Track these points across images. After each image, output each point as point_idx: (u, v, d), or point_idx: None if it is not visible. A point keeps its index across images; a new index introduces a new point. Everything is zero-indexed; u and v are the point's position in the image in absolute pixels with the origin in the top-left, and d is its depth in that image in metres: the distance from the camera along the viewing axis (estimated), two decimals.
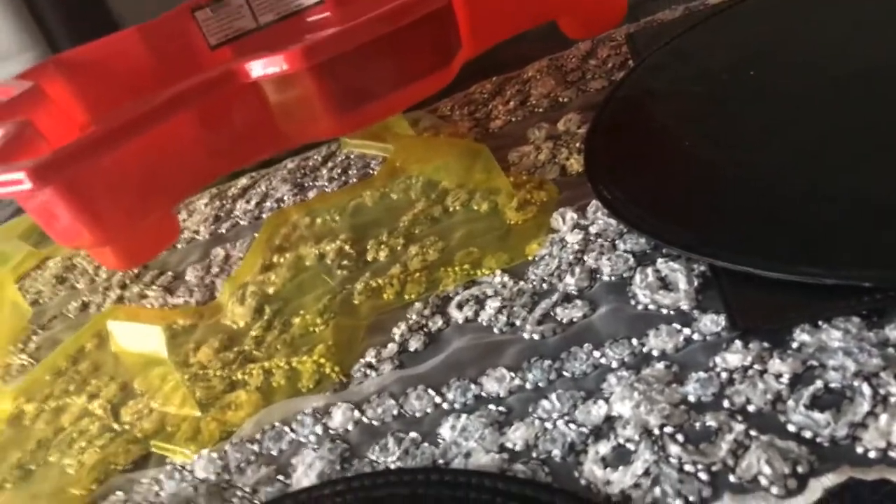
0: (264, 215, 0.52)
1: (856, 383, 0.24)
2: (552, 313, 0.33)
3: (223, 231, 0.53)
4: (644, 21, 0.54)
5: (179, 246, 0.53)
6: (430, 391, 0.31)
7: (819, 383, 0.25)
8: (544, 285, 0.35)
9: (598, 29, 0.48)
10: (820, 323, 0.27)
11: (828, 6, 0.45)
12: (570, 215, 0.38)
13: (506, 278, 0.36)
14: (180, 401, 0.37)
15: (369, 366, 0.34)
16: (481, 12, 0.41)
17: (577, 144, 0.44)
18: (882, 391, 0.24)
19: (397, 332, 0.36)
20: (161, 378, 0.37)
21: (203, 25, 0.63)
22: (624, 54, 0.52)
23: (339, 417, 0.32)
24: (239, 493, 0.31)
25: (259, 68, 0.34)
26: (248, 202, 0.55)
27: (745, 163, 0.35)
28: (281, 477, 0.31)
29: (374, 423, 0.31)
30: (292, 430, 0.33)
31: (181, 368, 0.39)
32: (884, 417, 0.23)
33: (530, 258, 0.37)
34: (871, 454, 0.22)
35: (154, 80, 0.53)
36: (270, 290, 0.43)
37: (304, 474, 0.30)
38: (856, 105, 0.36)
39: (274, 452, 0.32)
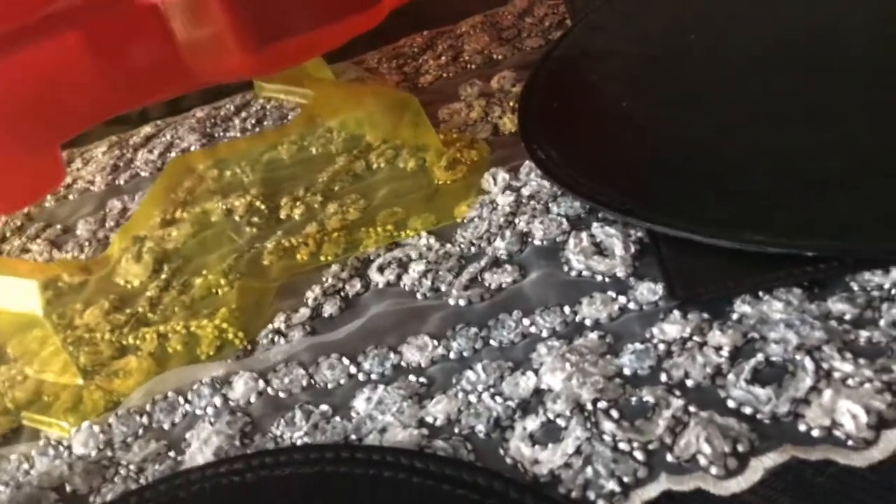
0: None
1: (798, 357, 0.23)
2: (480, 278, 0.30)
3: (121, 182, 0.48)
4: None
5: (71, 197, 0.48)
6: (345, 360, 0.28)
7: (760, 357, 0.23)
8: (472, 249, 0.32)
9: None
10: (761, 294, 0.25)
11: None
12: (502, 176, 0.36)
13: (432, 240, 0.34)
14: (60, 367, 0.33)
15: (278, 332, 0.31)
16: None
17: (511, 103, 0.41)
18: (825, 366, 0.22)
19: (311, 295, 0.32)
20: (39, 342, 0.33)
21: None
22: (562, 14, 0.49)
23: (241, 388, 0.29)
24: (122, 471, 0.27)
25: None
26: (150, 152, 0.50)
27: (686, 125, 0.33)
28: (172, 453, 0.28)
29: (281, 394, 0.28)
30: (187, 400, 0.29)
31: (65, 331, 0.35)
32: (827, 393, 0.22)
33: (459, 220, 0.34)
34: (815, 433, 0.21)
35: None
36: (170, 247, 0.39)
37: (199, 450, 0.27)
38: (797, 68, 0.34)
39: (165, 426, 0.29)
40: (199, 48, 0.34)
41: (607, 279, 0.28)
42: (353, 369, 0.28)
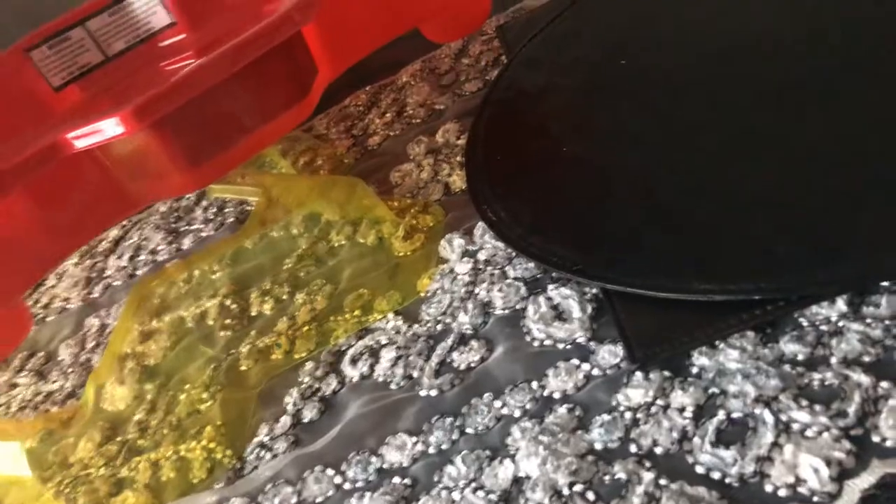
0: (139, 272, 0.48)
1: (757, 410, 0.23)
2: (449, 359, 0.31)
3: (96, 295, 0.48)
4: (512, 10, 0.52)
5: (50, 318, 0.48)
6: (329, 471, 0.29)
7: (722, 414, 0.24)
8: (439, 326, 0.33)
9: (463, 32, 0.45)
10: (717, 342, 0.26)
11: None
12: (458, 241, 0.36)
13: (399, 322, 0.34)
14: None
15: (263, 446, 0.32)
16: (335, 34, 0.38)
17: (458, 158, 0.42)
18: (783, 417, 0.23)
19: (289, 400, 0.33)
20: (34, 499, 0.33)
21: (41, 66, 0.57)
22: (496, 49, 0.49)
23: None
24: None
25: (82, 141, 0.30)
26: (120, 258, 0.50)
27: (623, 165, 0.34)
28: None
29: None
30: None
31: (60, 472, 0.35)
32: (788, 448, 0.22)
33: (422, 294, 0.35)
34: (781, 492, 0.21)
35: None
36: (151, 363, 0.40)
37: None
38: (731, 88, 0.35)
39: None
40: (137, 176, 0.35)
41: (569, 346, 0.29)
42: (338, 479, 0.28)
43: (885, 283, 0.25)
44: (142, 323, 0.42)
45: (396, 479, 0.27)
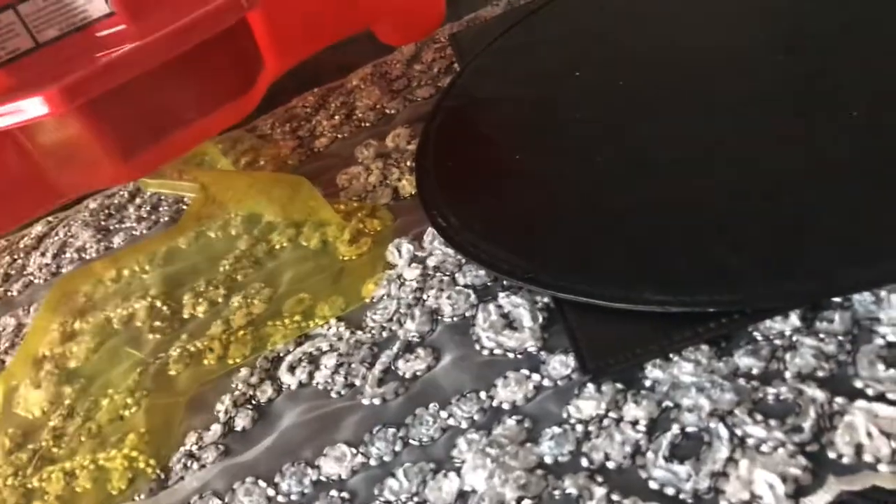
0: (64, 270, 0.45)
1: (712, 424, 0.23)
2: (394, 367, 0.29)
3: (14, 293, 0.45)
4: (467, 19, 0.52)
5: None
6: (261, 483, 0.27)
7: (676, 429, 0.23)
8: (384, 333, 0.31)
9: (416, 35, 0.44)
10: (671, 355, 0.25)
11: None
12: (407, 247, 0.35)
13: (342, 328, 0.32)
14: None
15: (190, 455, 0.29)
16: (283, 26, 0.36)
17: (409, 163, 0.41)
18: (738, 431, 0.22)
19: (221, 407, 0.31)
20: None
21: None
22: (449, 57, 0.49)
23: None
24: None
25: (3, 119, 0.28)
26: (43, 255, 0.47)
27: (576, 176, 0.33)
28: None
29: None
30: None
31: None
32: (743, 464, 0.21)
33: (368, 300, 0.33)
34: None
35: None
36: (71, 365, 0.37)
37: None
38: (684, 103, 0.35)
39: None
40: (65, 164, 0.32)
41: (519, 355, 0.28)
42: (270, 492, 0.27)
43: (837, 299, 0.24)
44: (63, 323, 0.39)
45: (334, 493, 0.26)
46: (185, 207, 0.46)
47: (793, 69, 0.33)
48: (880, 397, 0.21)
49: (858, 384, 0.22)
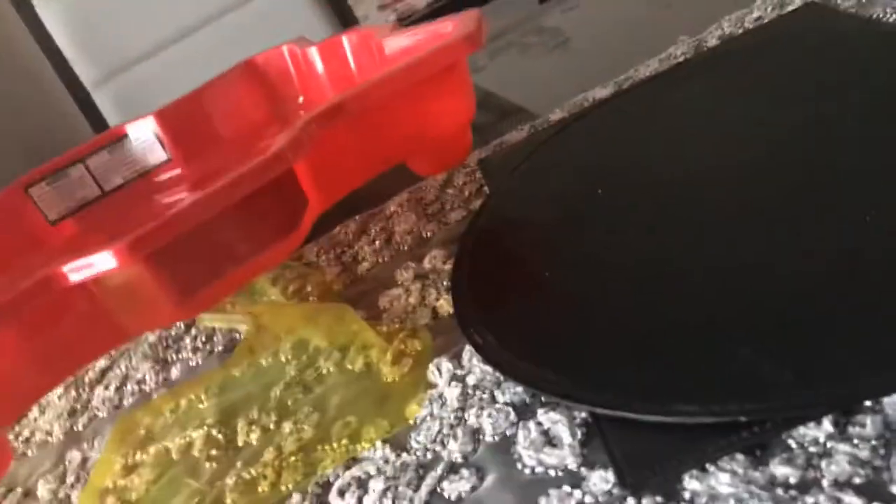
0: (126, 402, 0.48)
1: None
2: (439, 489, 0.30)
3: (80, 427, 0.47)
4: (493, 144, 0.55)
5: (30, 453, 0.47)
6: None
7: None
8: (428, 454, 0.32)
9: (447, 166, 0.48)
10: (707, 466, 0.26)
11: (657, 118, 0.47)
12: (446, 366, 0.36)
13: (388, 451, 0.34)
14: None
15: None
16: (324, 169, 0.40)
17: (445, 283, 0.43)
18: None
19: None
20: None
21: (39, 201, 0.59)
22: (478, 180, 0.52)
23: None
24: None
25: (76, 274, 0.31)
26: (106, 388, 0.50)
27: (604, 292, 0.35)
28: None
29: None
30: None
31: None
32: None
33: (411, 421, 0.35)
34: None
35: None
36: (133, 497, 0.38)
37: None
38: (701, 216, 0.36)
39: None
40: (128, 307, 0.35)
41: (560, 473, 0.28)
42: None
43: (867, 403, 0.25)
44: (125, 455, 0.41)
45: None
46: (237, 336, 0.48)
47: (807, 179, 0.35)
48: None
49: (895, 489, 0.22)
